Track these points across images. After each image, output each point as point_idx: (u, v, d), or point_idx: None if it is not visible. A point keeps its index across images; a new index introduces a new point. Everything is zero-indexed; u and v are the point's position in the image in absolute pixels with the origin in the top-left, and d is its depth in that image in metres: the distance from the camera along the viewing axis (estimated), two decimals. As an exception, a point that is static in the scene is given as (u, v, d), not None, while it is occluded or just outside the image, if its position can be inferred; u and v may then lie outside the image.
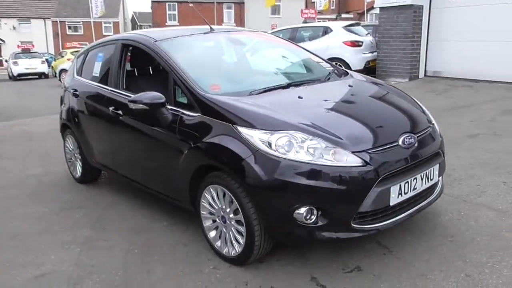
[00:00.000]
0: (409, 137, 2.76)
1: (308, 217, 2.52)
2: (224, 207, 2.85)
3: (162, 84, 3.37)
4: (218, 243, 2.99)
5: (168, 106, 3.14)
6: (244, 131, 2.68)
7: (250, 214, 2.66)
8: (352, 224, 2.57)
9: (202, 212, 3.05)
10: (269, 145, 2.58)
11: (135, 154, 3.64)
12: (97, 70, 4.25)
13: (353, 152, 2.55)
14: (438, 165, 2.93)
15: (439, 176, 3.00)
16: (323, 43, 10.33)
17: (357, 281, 2.64)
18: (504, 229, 3.08)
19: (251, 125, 2.69)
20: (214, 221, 3.00)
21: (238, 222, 2.78)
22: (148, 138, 3.36)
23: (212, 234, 3.03)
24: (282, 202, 2.55)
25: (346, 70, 3.84)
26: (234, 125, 2.73)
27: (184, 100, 3.14)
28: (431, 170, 2.86)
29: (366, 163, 2.53)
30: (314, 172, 2.49)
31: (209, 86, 3.11)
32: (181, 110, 3.08)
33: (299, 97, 3.04)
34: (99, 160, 4.33)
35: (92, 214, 3.97)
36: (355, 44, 10.13)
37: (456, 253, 2.83)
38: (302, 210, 2.51)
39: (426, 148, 2.87)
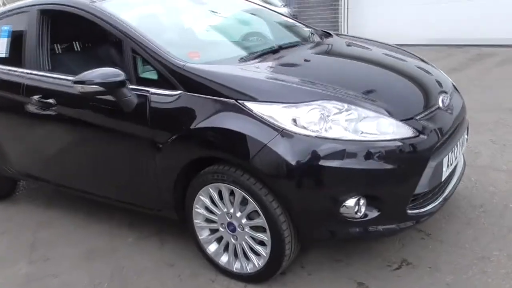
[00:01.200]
0: (445, 97, 2.30)
1: (358, 210, 1.95)
2: (232, 211, 2.15)
3: (110, 58, 2.54)
4: (224, 259, 2.29)
5: (130, 86, 2.32)
6: (256, 107, 1.99)
7: (277, 216, 2.00)
8: (407, 211, 2.05)
9: (195, 220, 2.32)
10: (295, 122, 1.94)
11: (81, 156, 2.73)
12: (2, 50, 3.17)
13: (401, 121, 2.02)
14: (467, 128, 2.53)
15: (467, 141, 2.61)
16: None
17: (414, 278, 2.15)
18: (527, 191, 2.81)
19: (264, 99, 2.01)
20: (214, 230, 2.29)
21: (255, 228, 2.11)
22: (102, 133, 2.49)
23: (213, 247, 2.32)
24: (324, 195, 1.94)
25: (327, 31, 3.28)
26: (239, 101, 2.03)
27: (152, 75, 2.32)
28: (464, 134, 2.44)
29: (418, 132, 2.01)
30: (360, 151, 1.91)
31: (186, 54, 2.34)
32: (150, 90, 2.28)
33: (305, 60, 2.42)
34: (18, 169, 3.28)
35: (22, 240, 2.98)
36: (274, 15, 9.65)
37: (500, 225, 2.47)
38: (351, 202, 1.93)
39: (459, 109, 2.44)
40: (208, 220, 2.29)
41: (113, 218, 3.07)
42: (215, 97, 2.10)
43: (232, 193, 2.13)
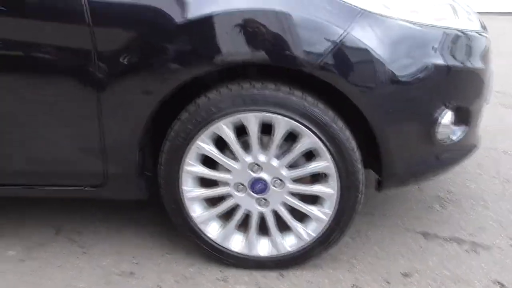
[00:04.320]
0: None
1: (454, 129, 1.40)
2: (264, 158, 1.31)
3: None
4: (237, 242, 1.42)
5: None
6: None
7: (351, 151, 1.29)
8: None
9: (184, 188, 1.37)
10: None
11: None
12: None
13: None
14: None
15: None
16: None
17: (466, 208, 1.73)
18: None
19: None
20: (217, 200, 1.40)
21: (296, 181, 1.35)
22: None
23: (215, 228, 1.42)
24: (424, 109, 1.31)
25: None
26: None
27: None
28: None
29: (483, 29, 1.56)
30: (462, 43, 1.37)
31: None
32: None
33: None
34: None
35: None
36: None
37: None
38: (448, 116, 1.36)
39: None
40: (207, 184, 1.39)
41: None
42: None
43: (265, 129, 1.30)
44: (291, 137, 1.32)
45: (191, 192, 1.38)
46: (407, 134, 1.34)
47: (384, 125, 1.29)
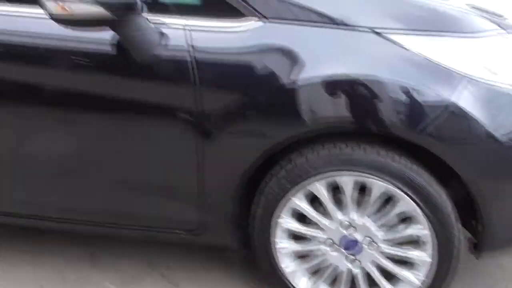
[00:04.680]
0: None
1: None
2: (358, 218, 1.31)
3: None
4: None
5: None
6: (415, 43, 1.21)
7: (447, 216, 1.25)
8: None
9: (276, 240, 1.40)
10: (482, 65, 1.23)
11: (55, 158, 1.47)
12: None
13: None
14: None
15: None
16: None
17: None
18: None
19: (425, 28, 1.25)
20: (306, 255, 1.42)
21: (394, 243, 1.33)
22: (95, 111, 1.39)
23: (303, 282, 1.43)
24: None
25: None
26: (380, 32, 1.22)
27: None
28: None
29: None
30: None
31: None
32: (186, 22, 1.29)
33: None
34: None
35: None
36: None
37: None
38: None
39: None
40: (298, 239, 1.41)
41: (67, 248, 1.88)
42: (330, 26, 1.24)
43: (361, 189, 1.30)
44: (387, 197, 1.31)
45: (281, 244, 1.40)
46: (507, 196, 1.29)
47: (483, 189, 1.24)
